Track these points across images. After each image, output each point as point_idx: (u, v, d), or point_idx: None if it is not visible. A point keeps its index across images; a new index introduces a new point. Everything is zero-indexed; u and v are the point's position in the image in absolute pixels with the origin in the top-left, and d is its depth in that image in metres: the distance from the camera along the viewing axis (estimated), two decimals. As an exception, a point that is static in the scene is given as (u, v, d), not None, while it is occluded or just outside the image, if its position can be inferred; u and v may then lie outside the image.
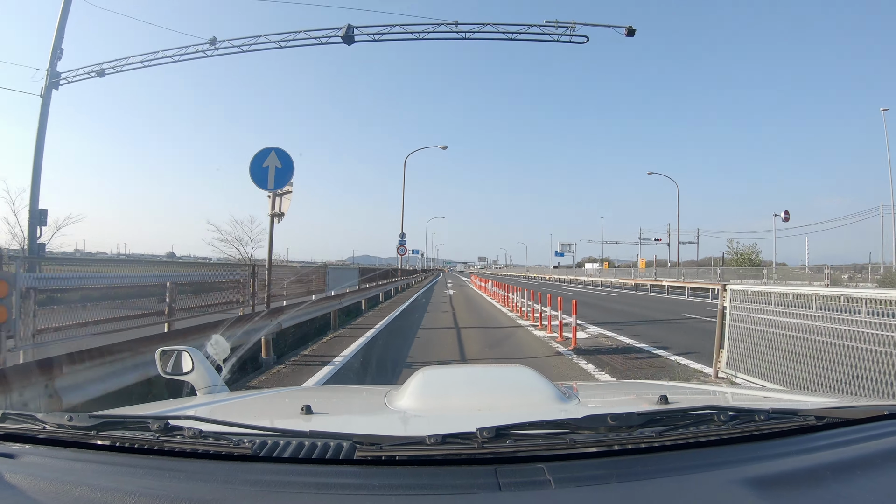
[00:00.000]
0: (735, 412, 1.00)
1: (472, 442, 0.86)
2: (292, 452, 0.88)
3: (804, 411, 1.05)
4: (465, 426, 0.88)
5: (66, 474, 0.86)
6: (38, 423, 1.01)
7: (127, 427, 0.99)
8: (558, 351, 7.34)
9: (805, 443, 0.97)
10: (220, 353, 1.84)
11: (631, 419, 0.93)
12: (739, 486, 0.80)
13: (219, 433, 0.94)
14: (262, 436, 0.93)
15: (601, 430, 0.91)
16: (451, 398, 1.37)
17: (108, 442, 0.96)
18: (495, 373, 1.79)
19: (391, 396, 1.38)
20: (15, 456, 0.94)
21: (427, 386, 1.39)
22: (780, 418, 1.01)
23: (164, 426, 0.94)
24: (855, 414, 1.09)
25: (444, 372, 1.76)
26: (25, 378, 2.95)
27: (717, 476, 0.83)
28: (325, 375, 5.64)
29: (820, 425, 1.01)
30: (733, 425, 0.97)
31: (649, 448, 0.91)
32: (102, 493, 0.79)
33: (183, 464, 0.89)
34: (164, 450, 0.93)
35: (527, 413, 1.21)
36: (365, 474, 0.83)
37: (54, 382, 3.12)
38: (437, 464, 0.86)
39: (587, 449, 0.89)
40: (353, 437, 0.88)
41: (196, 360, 1.64)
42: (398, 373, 5.84)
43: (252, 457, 0.88)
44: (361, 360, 6.73)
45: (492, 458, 0.86)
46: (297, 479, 0.82)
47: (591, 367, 6.26)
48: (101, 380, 3.56)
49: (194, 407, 1.48)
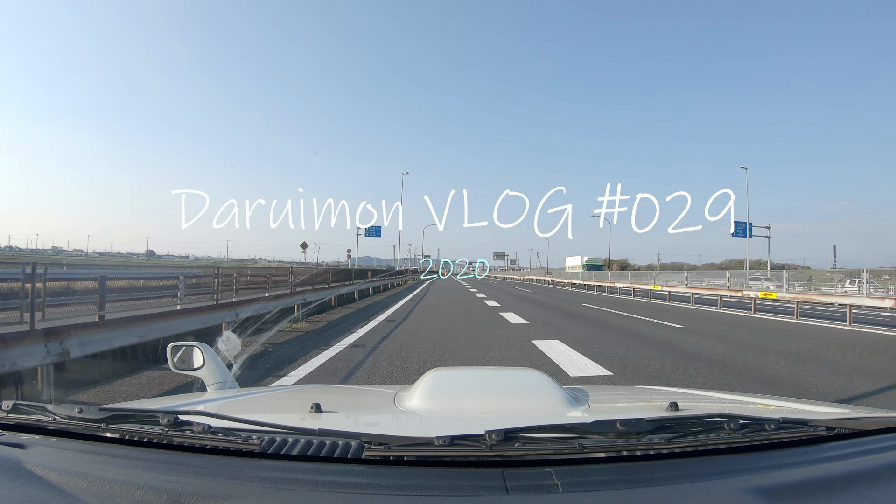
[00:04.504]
0: (745, 420, 1.00)
1: (481, 444, 0.86)
2: (301, 450, 0.88)
3: (815, 421, 1.04)
4: (473, 428, 0.88)
5: (75, 466, 0.87)
6: (49, 415, 1.02)
7: (136, 421, 1.00)
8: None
9: (815, 453, 0.96)
10: (231, 350, 1.85)
11: (640, 425, 0.93)
12: (748, 495, 0.79)
13: (228, 429, 0.95)
14: (271, 433, 0.94)
15: (610, 435, 0.91)
16: (460, 400, 1.37)
17: (118, 435, 0.97)
18: (505, 375, 1.78)
19: (400, 396, 1.39)
20: (25, 446, 0.96)
21: (436, 387, 1.39)
22: (791, 428, 1.00)
23: (173, 421, 0.95)
24: (866, 425, 1.08)
25: (453, 373, 1.75)
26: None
27: (726, 485, 0.83)
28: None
29: (830, 436, 1.00)
30: (743, 434, 0.96)
31: (658, 455, 0.90)
32: (111, 485, 0.80)
33: (191, 458, 0.90)
34: (172, 444, 0.93)
35: (536, 416, 1.20)
36: (373, 474, 0.83)
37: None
38: (445, 465, 0.86)
39: (596, 454, 0.88)
40: (361, 437, 0.89)
41: (207, 356, 1.65)
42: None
43: (261, 453, 0.88)
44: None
45: (500, 460, 0.86)
46: (305, 476, 0.82)
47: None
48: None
49: (204, 402, 1.49)
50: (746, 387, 5.21)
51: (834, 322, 12.21)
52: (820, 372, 6.14)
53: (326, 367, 5.86)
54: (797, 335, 9.99)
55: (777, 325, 11.96)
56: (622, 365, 6.28)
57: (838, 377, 5.83)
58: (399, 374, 5.51)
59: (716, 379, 5.61)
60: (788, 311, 14.12)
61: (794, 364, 6.64)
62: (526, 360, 6.51)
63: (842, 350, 7.88)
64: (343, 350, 7.02)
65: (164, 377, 5.08)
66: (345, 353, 6.82)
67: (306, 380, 5.16)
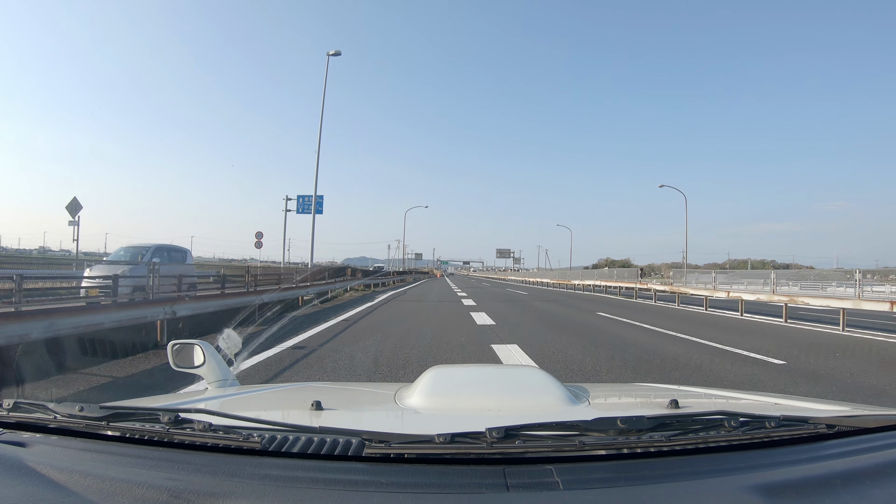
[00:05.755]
0: (746, 418, 1.00)
1: (481, 442, 0.86)
2: (301, 448, 0.88)
3: (815, 419, 1.04)
4: (474, 426, 0.88)
5: (76, 464, 0.87)
6: (49, 413, 1.02)
7: (137, 419, 1.00)
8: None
9: (816, 451, 0.96)
10: (231, 348, 1.84)
11: (641, 423, 0.93)
12: (748, 492, 0.79)
13: (228, 427, 0.95)
14: (271, 430, 0.94)
15: (611, 432, 0.91)
16: (461, 397, 1.37)
17: (119, 433, 0.97)
18: (506, 373, 1.79)
19: (401, 394, 1.39)
20: (26, 445, 0.96)
21: (437, 384, 1.39)
22: (791, 425, 1.00)
23: (174, 419, 0.95)
24: (867, 422, 1.08)
25: (454, 371, 1.76)
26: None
27: (727, 482, 0.83)
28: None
29: (831, 433, 1.00)
30: (743, 431, 0.96)
31: (658, 452, 0.90)
32: (112, 483, 0.80)
33: (192, 456, 0.90)
34: (173, 442, 0.94)
35: (536, 414, 1.20)
36: (373, 471, 0.83)
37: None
38: (445, 463, 0.86)
39: (596, 451, 0.88)
40: (362, 434, 0.89)
41: (207, 354, 1.64)
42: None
43: (261, 451, 0.89)
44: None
45: (500, 458, 0.86)
46: (306, 474, 0.82)
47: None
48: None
49: (204, 400, 1.49)
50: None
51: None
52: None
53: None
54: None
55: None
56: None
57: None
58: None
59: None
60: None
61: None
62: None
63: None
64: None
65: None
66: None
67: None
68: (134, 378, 5.47)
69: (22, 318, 5.15)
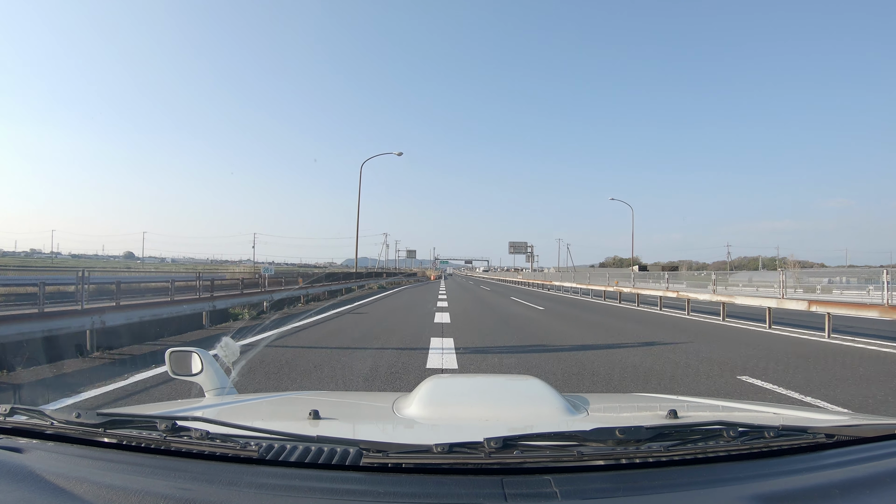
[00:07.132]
0: (744, 428, 0.99)
1: (479, 452, 0.86)
2: (299, 457, 0.88)
3: (814, 429, 1.04)
4: (472, 436, 0.88)
5: (72, 471, 0.87)
6: (47, 419, 1.02)
7: (134, 426, 1.00)
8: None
9: (815, 461, 0.96)
10: (229, 356, 1.84)
11: (639, 433, 0.93)
12: (748, 502, 0.79)
13: (226, 435, 0.95)
14: (269, 439, 0.93)
15: (609, 443, 0.91)
16: (459, 407, 1.36)
17: (115, 440, 0.97)
18: (504, 383, 1.78)
19: (399, 403, 1.38)
20: (23, 450, 0.95)
21: (435, 394, 1.39)
22: (790, 435, 1.00)
23: (171, 426, 0.95)
24: (865, 432, 1.07)
25: (452, 381, 1.75)
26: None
27: (725, 492, 0.83)
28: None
29: (830, 443, 1.00)
30: (742, 441, 0.96)
31: (657, 462, 0.90)
32: (108, 490, 0.80)
33: (189, 464, 0.90)
34: (170, 450, 0.93)
35: (535, 424, 1.20)
36: (371, 481, 0.83)
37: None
38: (443, 473, 0.86)
39: (594, 462, 0.88)
40: (359, 444, 0.89)
41: (205, 362, 1.64)
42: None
43: (258, 460, 0.88)
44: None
45: (498, 468, 0.86)
46: (303, 483, 0.82)
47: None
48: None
49: (202, 408, 1.49)
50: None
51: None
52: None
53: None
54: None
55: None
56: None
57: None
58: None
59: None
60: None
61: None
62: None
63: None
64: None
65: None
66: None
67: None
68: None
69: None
